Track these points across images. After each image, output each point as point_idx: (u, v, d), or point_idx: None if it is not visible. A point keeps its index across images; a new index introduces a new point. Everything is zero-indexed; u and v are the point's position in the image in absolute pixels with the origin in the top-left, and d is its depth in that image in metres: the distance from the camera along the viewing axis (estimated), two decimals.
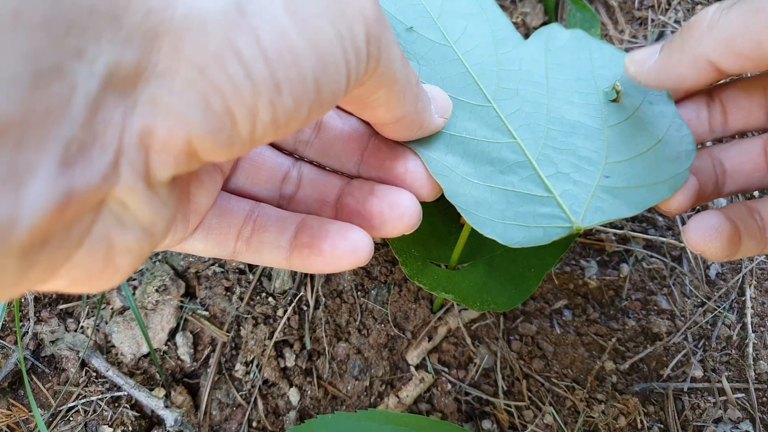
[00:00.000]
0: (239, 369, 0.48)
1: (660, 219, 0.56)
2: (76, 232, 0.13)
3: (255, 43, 0.14)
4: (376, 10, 0.18)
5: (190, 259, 0.52)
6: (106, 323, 0.50)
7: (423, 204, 0.25)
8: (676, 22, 0.62)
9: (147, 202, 0.15)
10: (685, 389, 0.49)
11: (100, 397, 0.47)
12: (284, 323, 0.49)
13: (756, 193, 0.57)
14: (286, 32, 0.14)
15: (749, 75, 0.27)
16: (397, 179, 0.25)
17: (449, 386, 0.48)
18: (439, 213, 0.41)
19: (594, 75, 0.28)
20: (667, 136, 0.26)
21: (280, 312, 0.50)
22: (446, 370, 0.49)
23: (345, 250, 0.22)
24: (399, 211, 0.23)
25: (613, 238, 0.55)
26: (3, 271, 0.12)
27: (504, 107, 0.27)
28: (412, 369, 0.48)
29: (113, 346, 0.49)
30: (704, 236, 0.25)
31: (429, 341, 0.49)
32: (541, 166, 0.26)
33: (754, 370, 0.50)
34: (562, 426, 0.47)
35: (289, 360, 0.48)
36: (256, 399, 0.47)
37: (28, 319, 0.49)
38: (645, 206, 0.25)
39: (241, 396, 0.48)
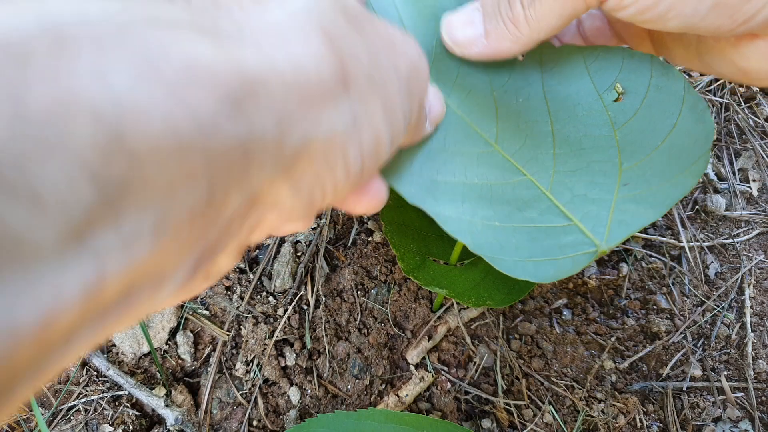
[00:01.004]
0: (240, 368, 0.48)
1: (659, 219, 0.56)
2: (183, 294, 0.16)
3: (359, 150, 0.16)
4: (427, 76, 0.20)
5: None
6: None
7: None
8: None
9: (234, 261, 0.17)
10: (685, 388, 0.49)
11: (100, 396, 0.47)
12: (284, 322, 0.49)
13: None
14: (381, 137, 0.17)
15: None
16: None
17: (449, 385, 0.48)
18: None
19: (592, 80, 0.27)
20: (681, 120, 0.25)
21: (280, 311, 0.50)
22: (446, 369, 0.49)
23: None
24: (360, 192, 0.23)
25: None
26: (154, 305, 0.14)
27: (508, 147, 0.27)
28: (412, 368, 0.48)
29: (114, 345, 0.50)
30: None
31: (429, 340, 0.49)
32: (557, 195, 0.26)
33: (753, 369, 0.50)
34: (562, 425, 0.47)
35: (290, 359, 0.48)
36: (256, 398, 0.47)
37: None
38: (670, 204, 0.24)
39: (241, 395, 0.48)
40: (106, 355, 0.49)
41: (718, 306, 0.52)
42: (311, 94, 0.14)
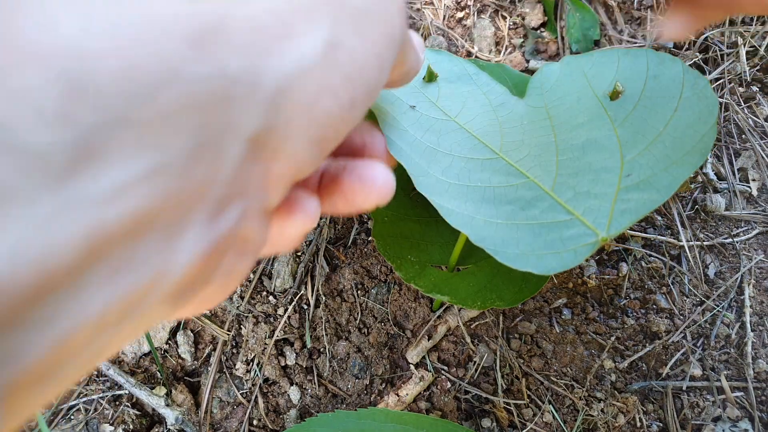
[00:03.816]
0: (240, 367, 0.48)
1: (658, 218, 0.56)
2: (209, 270, 0.14)
3: (341, 77, 0.15)
4: (405, 20, 0.19)
5: None
6: None
7: (418, 210, 0.25)
8: None
9: (263, 230, 0.16)
10: (684, 388, 0.49)
11: (101, 395, 0.47)
12: (285, 322, 0.49)
13: None
14: (361, 59, 0.16)
15: None
16: (357, 152, 0.25)
17: (449, 384, 0.48)
18: (435, 218, 0.42)
19: (591, 86, 0.28)
20: (682, 101, 0.25)
21: (280, 311, 0.50)
22: (446, 368, 0.49)
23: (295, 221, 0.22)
24: (368, 184, 0.23)
25: None
26: (155, 315, 0.13)
27: (512, 156, 0.28)
28: (412, 367, 0.48)
29: None
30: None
31: (429, 340, 0.49)
32: (559, 194, 0.26)
33: (753, 369, 0.50)
34: (562, 424, 0.47)
35: (290, 358, 0.48)
36: (256, 397, 0.47)
37: None
38: (677, 184, 0.24)
39: (241, 394, 0.48)
40: None
41: (717, 305, 0.52)
42: (271, 32, 0.13)
